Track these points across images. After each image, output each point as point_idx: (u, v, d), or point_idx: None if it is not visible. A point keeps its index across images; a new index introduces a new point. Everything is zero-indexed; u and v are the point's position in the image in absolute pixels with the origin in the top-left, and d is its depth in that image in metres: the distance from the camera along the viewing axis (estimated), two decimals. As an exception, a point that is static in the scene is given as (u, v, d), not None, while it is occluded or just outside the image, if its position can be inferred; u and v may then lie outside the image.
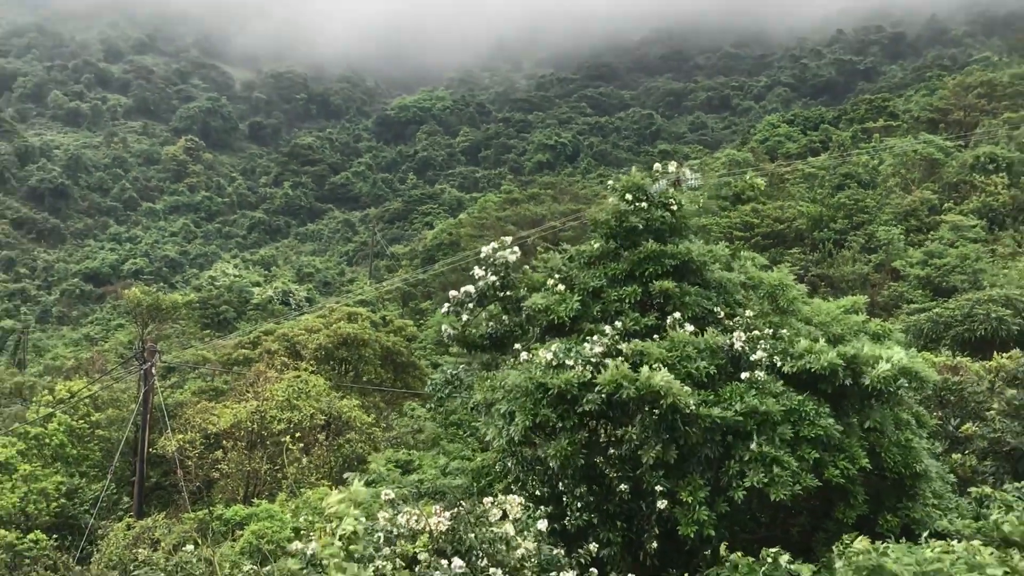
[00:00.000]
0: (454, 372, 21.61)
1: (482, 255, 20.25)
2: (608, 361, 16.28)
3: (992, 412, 24.15)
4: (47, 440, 50.14)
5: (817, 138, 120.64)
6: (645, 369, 15.64)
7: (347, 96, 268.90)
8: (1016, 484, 19.22)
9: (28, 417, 52.91)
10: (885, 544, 13.95)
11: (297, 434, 43.82)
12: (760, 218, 77.82)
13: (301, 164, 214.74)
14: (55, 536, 39.91)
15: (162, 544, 30.06)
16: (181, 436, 46.42)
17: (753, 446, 15.74)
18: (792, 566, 14.54)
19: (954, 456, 21.89)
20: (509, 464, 17.87)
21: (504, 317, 19.97)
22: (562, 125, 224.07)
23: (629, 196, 18.87)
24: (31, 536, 37.73)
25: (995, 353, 29.62)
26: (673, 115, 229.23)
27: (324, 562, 15.27)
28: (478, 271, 20.09)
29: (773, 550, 14.54)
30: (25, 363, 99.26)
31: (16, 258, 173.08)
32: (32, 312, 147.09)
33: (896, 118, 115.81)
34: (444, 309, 20.74)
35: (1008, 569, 13.64)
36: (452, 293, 20.56)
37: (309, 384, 48.14)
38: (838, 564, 14.45)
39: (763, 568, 14.67)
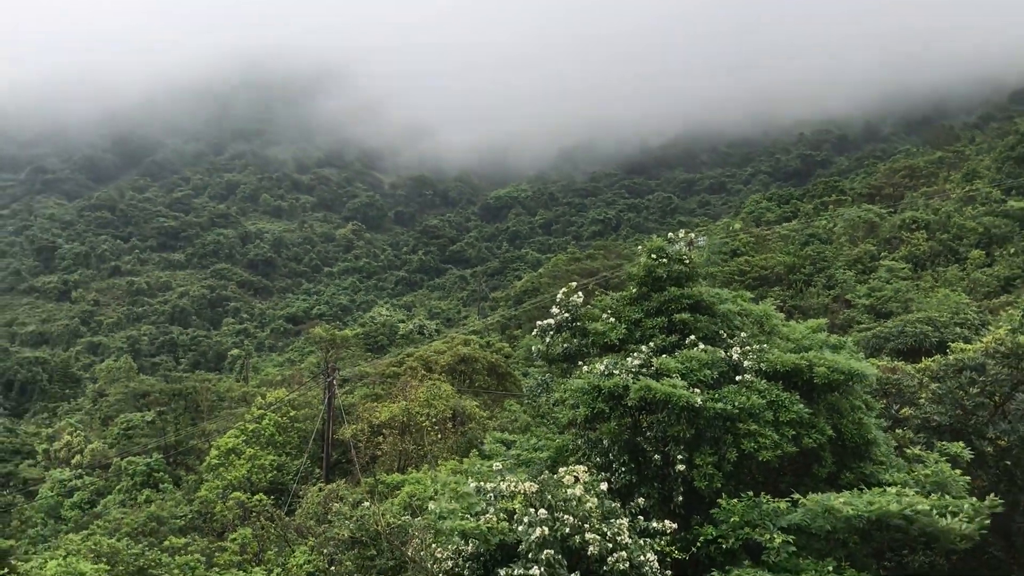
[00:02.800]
0: (543, 378, 21.70)
1: (557, 298, 20.37)
2: (642, 373, 16.47)
3: (921, 400, 23.63)
4: (262, 432, 51.03)
5: (789, 210, 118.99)
6: (666, 380, 15.84)
7: (460, 191, 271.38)
8: (938, 446, 18.91)
9: (247, 417, 53.92)
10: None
11: (434, 424, 44.05)
12: (750, 267, 76.83)
13: (429, 238, 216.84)
14: (271, 496, 40.54)
15: (344, 501, 30.42)
16: (354, 426, 46.90)
17: (743, 426, 15.79)
18: (772, 504, 14.57)
19: (896, 432, 21.44)
20: (579, 442, 17.96)
21: (573, 340, 20.08)
22: (608, 205, 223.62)
23: (654, 255, 18.98)
24: (256, 497, 38.39)
25: (922, 358, 28.91)
26: (686, 196, 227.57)
27: (448, 512, 15.50)
28: (555, 309, 20.21)
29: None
30: (247, 379, 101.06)
31: (240, 307, 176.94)
32: (252, 343, 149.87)
33: (844, 194, 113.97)
34: (533, 334, 20.84)
35: (931, 505, 13.49)
36: (538, 323, 20.64)
37: (440, 389, 48.42)
38: (805, 504, 14.42)
39: (751, 505, 14.80)
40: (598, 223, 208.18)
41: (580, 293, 20.34)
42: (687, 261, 18.86)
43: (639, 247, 20.27)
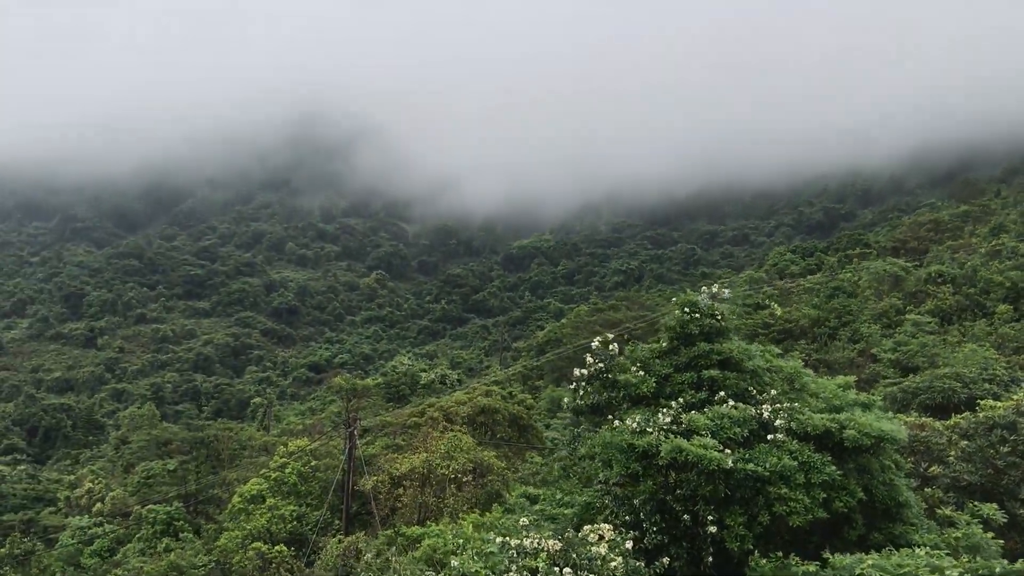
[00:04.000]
0: (576, 431, 21.49)
1: (593, 347, 20.24)
2: (672, 431, 16.30)
3: (951, 458, 23.24)
4: (285, 480, 50.78)
5: (813, 262, 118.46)
6: (696, 438, 15.66)
7: (483, 240, 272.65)
8: (970, 507, 18.53)
9: (271, 465, 53.73)
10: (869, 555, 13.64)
11: (454, 476, 43.71)
12: (775, 320, 76.34)
13: (453, 288, 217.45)
14: (291, 548, 40.22)
15: (364, 554, 30.17)
16: (374, 477, 46.63)
17: (774, 489, 15.56)
18: (803, 566, 14.30)
19: (924, 490, 21.07)
20: (606, 500, 17.75)
21: (604, 392, 19.92)
22: (631, 256, 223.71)
23: (687, 309, 18.93)
24: (276, 548, 38.09)
25: (951, 414, 28.50)
26: (709, 248, 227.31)
27: (472, 571, 15.32)
28: (589, 359, 20.09)
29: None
30: (269, 427, 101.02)
31: (264, 355, 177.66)
32: (274, 392, 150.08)
33: (869, 247, 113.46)
34: (571, 386, 20.59)
35: (962, 569, 13.17)
36: (575, 373, 20.42)
37: (461, 441, 48.12)
38: (833, 566, 14.15)
39: (780, 567, 14.49)
40: (621, 274, 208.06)
41: (616, 344, 20.24)
42: (719, 316, 18.80)
43: (672, 299, 20.23)
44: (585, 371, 19.97)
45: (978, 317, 69.41)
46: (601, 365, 19.83)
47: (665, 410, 17.08)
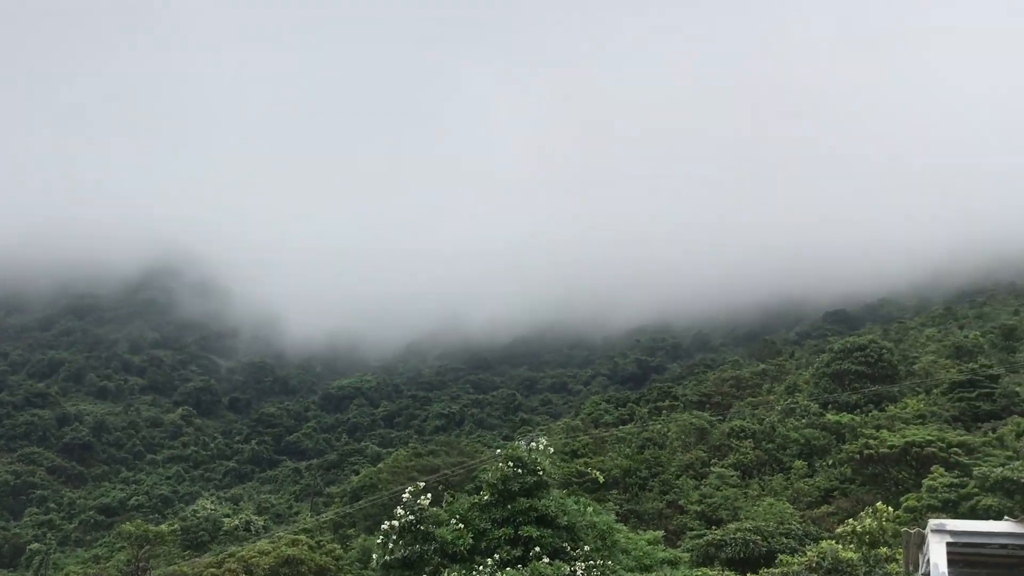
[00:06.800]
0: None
1: (404, 498, 20.00)
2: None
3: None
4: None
5: (625, 412, 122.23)
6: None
7: (301, 378, 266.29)
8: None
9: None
10: None
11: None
12: (589, 468, 77.78)
13: (265, 427, 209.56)
14: None
15: None
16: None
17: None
18: None
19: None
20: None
21: (415, 545, 19.56)
22: (453, 400, 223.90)
23: (511, 464, 19.19)
24: None
25: (751, 569, 29.75)
26: (529, 394, 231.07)
27: None
28: (400, 511, 19.76)
29: None
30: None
31: (48, 496, 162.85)
32: (56, 537, 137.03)
33: (677, 400, 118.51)
34: (379, 541, 20.16)
35: None
36: (384, 525, 19.98)
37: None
38: None
39: None
40: (442, 417, 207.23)
41: (428, 495, 20.05)
42: (540, 471, 19.16)
43: (497, 451, 20.40)
44: (396, 522, 19.67)
45: (776, 471, 73.57)
46: (412, 517, 19.61)
47: (481, 567, 17.03)
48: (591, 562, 17.39)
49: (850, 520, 36.69)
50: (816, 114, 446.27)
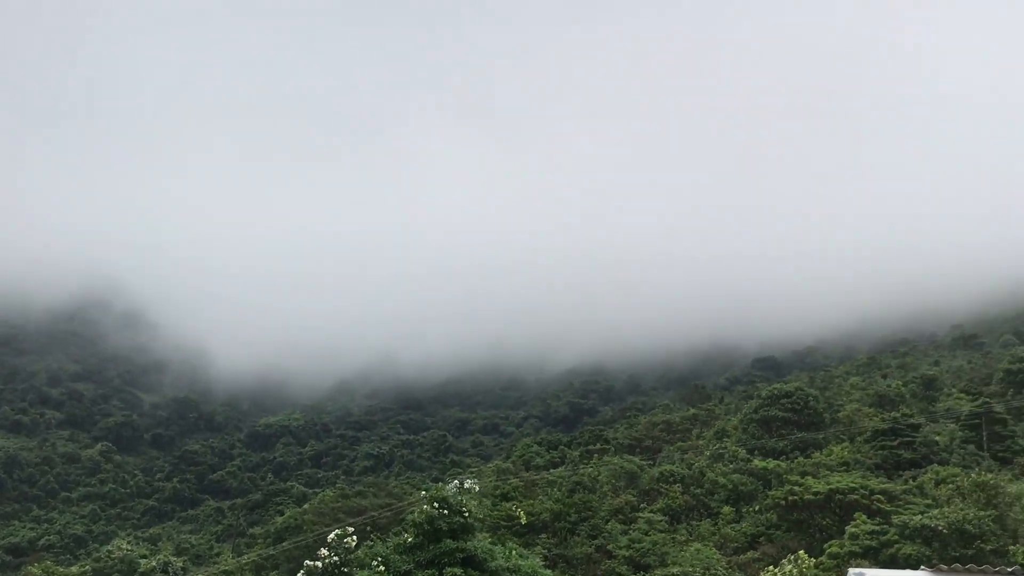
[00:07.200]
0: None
1: (328, 539, 19.72)
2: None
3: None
4: None
5: (557, 455, 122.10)
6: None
7: (227, 415, 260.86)
8: None
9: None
10: None
11: None
12: (516, 509, 77.27)
13: (188, 464, 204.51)
14: None
15: None
16: None
17: None
18: None
19: None
20: None
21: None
22: (382, 440, 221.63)
23: (436, 504, 19.04)
24: None
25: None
26: (460, 435, 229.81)
27: None
28: (324, 551, 19.48)
29: None
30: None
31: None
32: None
33: (608, 443, 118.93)
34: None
35: None
36: (307, 564, 19.67)
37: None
38: None
39: None
40: (371, 458, 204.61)
41: (354, 537, 19.81)
42: (467, 513, 19.05)
43: (423, 492, 20.26)
44: (319, 563, 19.39)
45: (704, 517, 74.16)
46: (336, 559, 19.35)
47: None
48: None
49: (771, 568, 37.22)
50: (755, 165, 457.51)
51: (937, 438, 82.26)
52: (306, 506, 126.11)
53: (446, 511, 18.99)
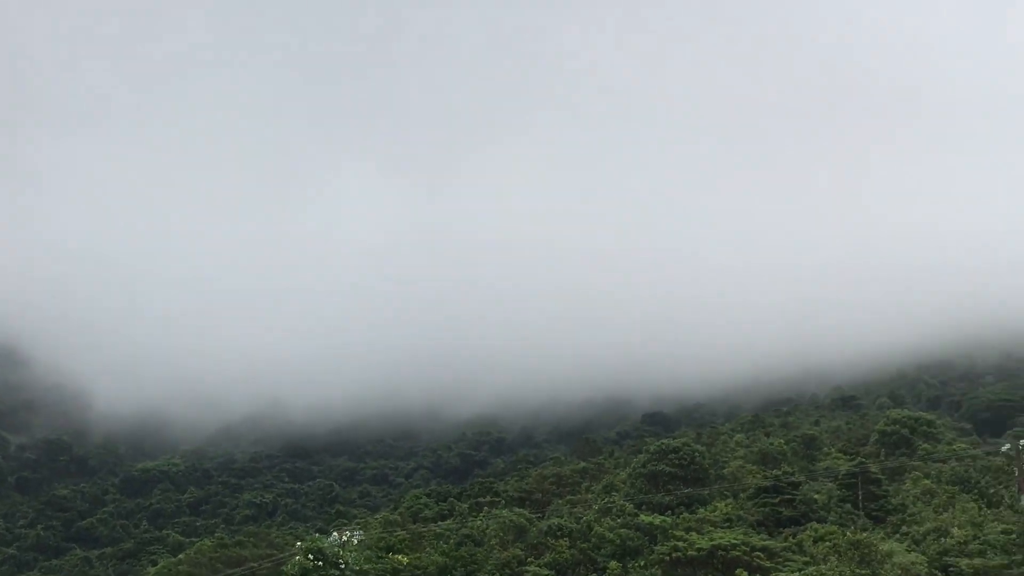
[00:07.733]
0: None
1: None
2: None
3: None
4: None
5: (446, 507, 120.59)
6: None
7: (102, 458, 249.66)
8: None
9: None
10: None
11: None
12: (402, 567, 75.78)
13: (55, 510, 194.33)
14: None
15: None
16: None
17: None
18: None
19: None
20: None
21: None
22: (266, 488, 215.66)
23: (311, 556, 18.51)
24: None
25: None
26: (348, 485, 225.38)
27: None
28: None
29: None
30: None
31: None
32: None
33: (498, 496, 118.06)
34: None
35: None
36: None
37: None
38: None
39: None
40: (253, 507, 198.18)
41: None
42: (343, 565, 18.56)
43: (297, 543, 19.71)
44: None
45: (591, 572, 74.10)
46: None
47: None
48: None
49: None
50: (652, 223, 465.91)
51: (816, 496, 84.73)
52: (181, 556, 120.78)
53: (321, 563, 18.45)
